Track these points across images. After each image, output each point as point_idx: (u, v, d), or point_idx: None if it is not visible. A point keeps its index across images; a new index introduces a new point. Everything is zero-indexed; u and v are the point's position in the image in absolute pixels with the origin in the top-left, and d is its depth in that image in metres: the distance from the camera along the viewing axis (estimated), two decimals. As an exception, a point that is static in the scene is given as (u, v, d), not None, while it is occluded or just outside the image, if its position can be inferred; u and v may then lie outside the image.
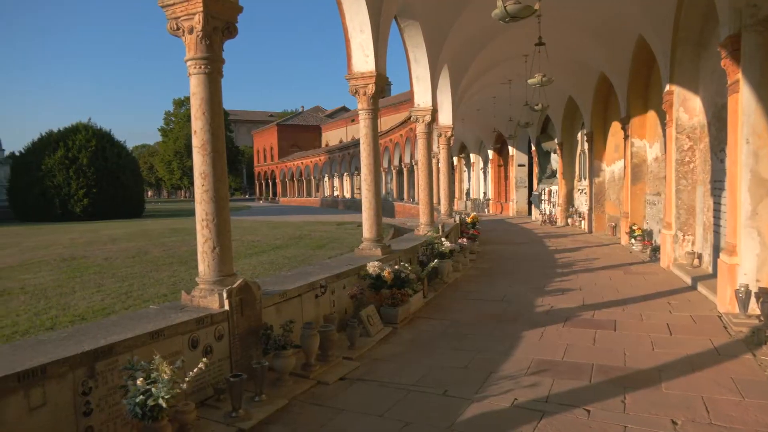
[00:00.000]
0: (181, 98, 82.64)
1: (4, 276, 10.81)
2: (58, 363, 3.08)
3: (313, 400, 4.29)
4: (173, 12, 4.33)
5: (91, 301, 8.28)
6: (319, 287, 5.80)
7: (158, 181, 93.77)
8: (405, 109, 40.04)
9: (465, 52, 13.17)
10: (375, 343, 5.83)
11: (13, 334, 6.53)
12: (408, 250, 8.77)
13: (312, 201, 56.49)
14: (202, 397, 4.10)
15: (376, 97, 7.72)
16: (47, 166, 32.27)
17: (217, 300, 4.37)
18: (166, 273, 10.91)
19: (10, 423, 2.84)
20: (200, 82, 4.37)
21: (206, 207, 4.46)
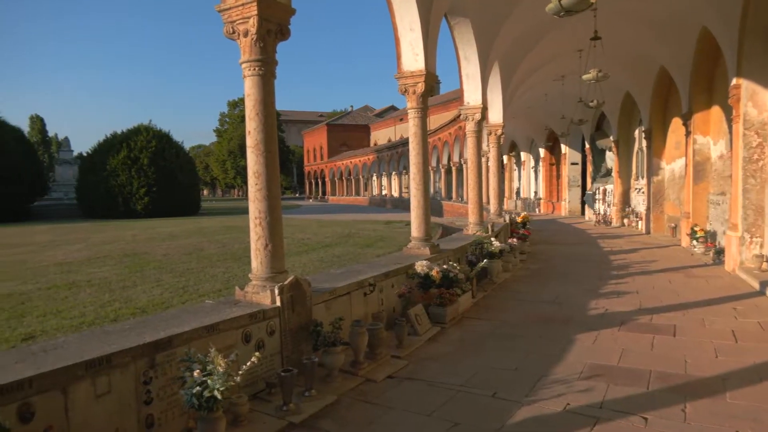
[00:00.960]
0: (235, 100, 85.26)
1: (73, 270, 11.48)
2: (122, 353, 3.25)
3: (362, 397, 4.33)
4: (229, 16, 4.47)
5: (151, 295, 8.67)
6: (367, 285, 5.84)
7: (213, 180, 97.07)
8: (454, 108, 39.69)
9: (516, 49, 12.92)
10: (423, 342, 5.82)
11: (81, 325, 6.93)
12: (456, 250, 8.70)
13: (360, 200, 56.95)
14: (254, 391, 4.21)
15: (426, 95, 7.69)
16: (111, 166, 34.01)
17: (269, 296, 4.48)
18: (220, 269, 11.28)
19: (79, 409, 3.02)
20: (254, 83, 4.49)
21: (259, 205, 4.58)
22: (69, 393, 2.97)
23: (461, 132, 29.77)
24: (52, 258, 13.47)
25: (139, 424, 3.34)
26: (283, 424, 3.78)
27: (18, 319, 7.16)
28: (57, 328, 6.72)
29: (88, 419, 3.05)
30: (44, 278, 10.36)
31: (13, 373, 2.83)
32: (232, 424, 3.63)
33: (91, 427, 3.06)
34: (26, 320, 7.13)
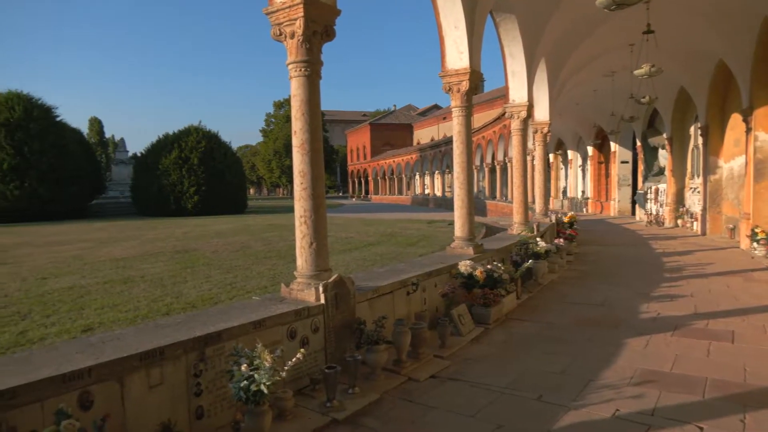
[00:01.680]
0: (280, 100, 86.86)
1: (128, 265, 12.00)
2: (174, 346, 3.37)
3: (405, 396, 4.33)
4: (276, 18, 4.56)
5: (201, 290, 8.95)
6: (410, 284, 5.83)
7: (259, 179, 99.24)
8: (498, 106, 39.11)
9: (564, 45, 12.61)
10: (466, 342, 5.77)
11: (135, 318, 7.23)
12: (501, 250, 8.58)
13: (403, 199, 56.96)
14: (298, 386, 4.28)
15: (470, 94, 7.61)
16: (163, 165, 35.31)
17: (314, 293, 4.55)
18: (266, 266, 11.53)
19: (134, 398, 3.15)
20: (300, 84, 4.56)
21: (304, 204, 4.65)
22: (125, 383, 3.11)
23: (506, 130, 29.32)
24: (109, 254, 14.12)
25: (190, 415, 3.46)
26: (326, 420, 3.83)
27: (78, 312, 7.54)
28: (113, 321, 7.04)
29: (142, 409, 3.18)
30: (102, 273, 10.88)
31: (74, 363, 2.99)
32: (278, 418, 3.70)
33: (145, 416, 3.19)
34: (85, 312, 7.50)
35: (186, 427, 3.39)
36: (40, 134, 32.12)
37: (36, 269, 11.45)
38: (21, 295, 8.70)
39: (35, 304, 8.02)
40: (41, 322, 6.96)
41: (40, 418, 2.69)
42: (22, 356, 3.22)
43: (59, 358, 3.08)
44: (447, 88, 7.71)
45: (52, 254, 14.16)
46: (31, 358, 3.13)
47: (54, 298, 8.46)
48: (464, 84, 7.53)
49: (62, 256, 13.82)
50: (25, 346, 5.96)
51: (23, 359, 3.11)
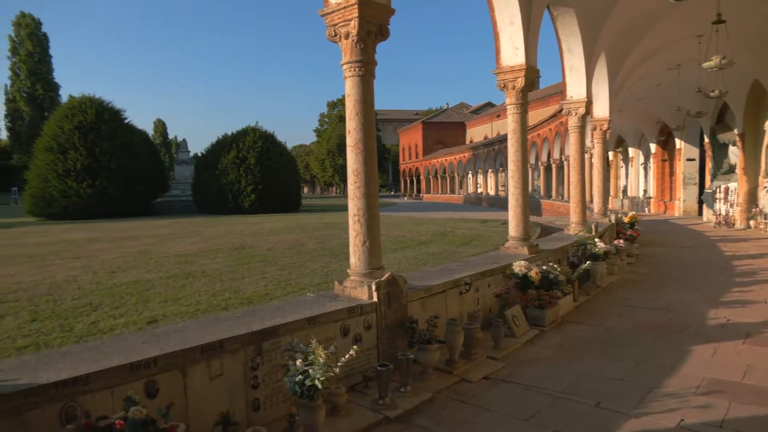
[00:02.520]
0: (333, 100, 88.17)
1: (189, 261, 12.51)
2: (233, 339, 3.49)
3: (457, 396, 4.30)
4: (331, 20, 4.63)
5: (257, 287, 9.21)
6: (463, 284, 5.78)
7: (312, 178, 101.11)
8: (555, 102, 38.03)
9: (625, 38, 12.11)
10: (520, 344, 5.66)
11: (196, 311, 7.53)
12: (557, 250, 8.35)
13: (455, 198, 56.46)
14: (351, 383, 4.33)
15: (526, 90, 7.45)
16: (222, 165, 36.56)
17: (367, 291, 4.59)
18: (319, 264, 11.72)
19: (196, 388, 3.28)
20: (354, 84, 4.61)
21: (358, 203, 4.69)
22: (187, 373, 3.25)
23: (562, 128, 28.49)
24: (171, 249, 14.77)
25: (247, 407, 3.57)
26: (379, 417, 3.85)
27: (144, 304, 7.93)
28: (176, 314, 7.36)
29: (203, 399, 3.31)
30: (165, 268, 11.39)
31: (141, 353, 3.15)
32: (331, 413, 3.76)
33: (206, 406, 3.32)
34: (150, 305, 7.88)
35: (243, 418, 3.50)
36: (110, 136, 33.99)
37: (106, 263, 12.13)
38: (93, 287, 9.24)
39: (105, 296, 8.50)
40: (111, 314, 7.37)
41: (110, 404, 2.85)
42: (94, 345, 3.42)
43: (127, 347, 3.26)
44: (501, 85, 7.58)
45: (121, 249, 14.97)
46: (102, 347, 3.32)
47: (122, 291, 8.93)
48: (519, 81, 7.38)
49: (129, 251, 14.58)
50: (97, 335, 6.33)
51: (95, 348, 3.30)
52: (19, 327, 6.70)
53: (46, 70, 67.38)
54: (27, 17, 65.18)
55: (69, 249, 15.26)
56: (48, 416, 2.67)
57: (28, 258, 13.22)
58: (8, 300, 8.20)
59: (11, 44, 65.28)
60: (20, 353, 5.55)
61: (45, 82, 67.00)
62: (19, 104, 66.18)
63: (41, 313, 7.37)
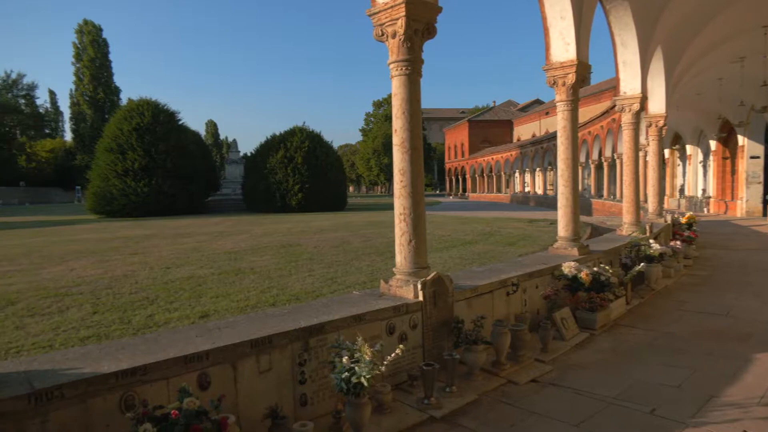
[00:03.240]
0: (379, 100, 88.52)
1: (239, 258, 12.86)
2: (282, 335, 3.56)
3: (503, 399, 4.23)
4: (378, 19, 4.65)
5: (304, 284, 9.36)
6: (510, 285, 5.69)
7: (358, 177, 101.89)
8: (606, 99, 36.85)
9: (683, 30, 11.57)
10: (569, 347, 5.51)
11: (245, 307, 7.73)
12: (608, 252, 8.09)
13: (502, 197, 55.59)
14: (396, 381, 4.34)
15: (577, 87, 7.25)
16: (270, 164, 37.39)
17: (412, 290, 4.58)
18: (365, 262, 11.81)
19: (245, 382, 3.37)
20: (401, 83, 4.61)
21: (404, 202, 4.70)
22: (237, 367, 3.34)
23: (615, 124, 27.54)
24: (222, 246, 15.23)
25: (295, 402, 3.63)
26: (424, 416, 3.85)
27: (196, 299, 8.21)
28: (226, 309, 7.58)
29: (252, 393, 3.40)
30: (216, 264, 11.76)
31: (194, 346, 3.26)
32: (377, 411, 3.78)
33: (255, 400, 3.40)
34: (202, 300, 8.15)
35: (291, 412, 3.56)
36: (165, 137, 35.40)
37: (161, 259, 12.64)
38: (149, 282, 9.65)
39: (161, 290, 8.85)
40: (165, 307, 7.68)
41: (165, 395, 2.97)
42: (151, 337, 3.57)
43: (181, 341, 3.38)
44: (551, 81, 7.40)
45: (175, 246, 15.56)
46: (159, 339, 3.46)
47: (176, 286, 9.28)
48: (570, 77, 7.19)
49: (183, 248, 15.14)
50: (153, 328, 6.60)
51: (152, 340, 3.45)
52: (82, 318, 7.07)
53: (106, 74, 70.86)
54: (89, 24, 68.70)
55: (127, 245, 15.99)
56: (109, 404, 2.81)
57: (90, 253, 13.95)
58: (72, 293, 8.67)
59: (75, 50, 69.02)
60: (83, 343, 5.86)
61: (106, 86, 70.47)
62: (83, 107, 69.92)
63: (102, 306, 7.75)
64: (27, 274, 10.60)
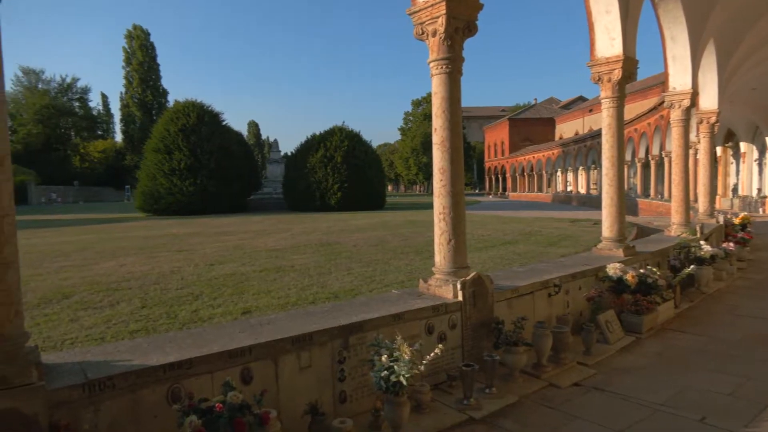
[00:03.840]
0: (418, 99, 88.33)
1: (280, 255, 13.09)
2: (322, 333, 3.61)
3: (545, 402, 4.16)
4: (419, 18, 4.64)
5: (343, 282, 9.45)
6: (552, 286, 5.58)
7: (397, 177, 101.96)
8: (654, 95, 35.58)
9: (737, 22, 11.04)
10: (614, 351, 5.36)
11: (286, 304, 7.86)
12: (656, 253, 7.82)
13: (543, 196, 54.53)
14: (435, 381, 4.32)
15: (623, 83, 7.04)
16: (310, 164, 37.89)
17: (451, 290, 4.56)
18: (403, 261, 11.81)
19: (286, 378, 3.43)
20: (441, 81, 4.59)
21: (443, 201, 4.67)
22: (279, 363, 3.40)
23: (663, 121, 26.59)
24: (263, 244, 15.53)
25: (334, 398, 3.67)
26: (463, 417, 3.82)
27: (238, 296, 8.41)
28: (267, 306, 7.73)
29: (292, 389, 3.45)
30: (258, 262, 12.00)
31: (238, 341, 3.34)
32: (415, 410, 3.78)
33: (295, 395, 3.46)
34: (244, 297, 8.33)
35: (330, 409, 3.60)
36: (210, 137, 36.36)
37: (205, 256, 13.00)
38: (194, 278, 9.94)
39: (205, 286, 9.11)
40: (210, 303, 7.89)
41: (210, 388, 3.06)
42: (196, 332, 3.68)
43: (225, 336, 3.47)
44: (596, 77, 7.21)
45: (218, 243, 15.97)
46: (204, 334, 3.56)
47: (219, 282, 9.52)
48: (616, 72, 6.98)
49: (226, 245, 15.52)
50: (197, 323, 6.80)
51: (198, 334, 3.55)
52: (131, 312, 7.35)
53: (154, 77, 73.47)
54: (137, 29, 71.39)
55: (173, 242, 16.52)
56: (157, 395, 2.91)
57: (138, 250, 14.48)
58: (122, 288, 9.02)
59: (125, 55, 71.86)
60: (133, 336, 6.09)
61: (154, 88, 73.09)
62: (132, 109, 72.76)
63: (150, 301, 8.04)
64: (81, 270, 11.09)
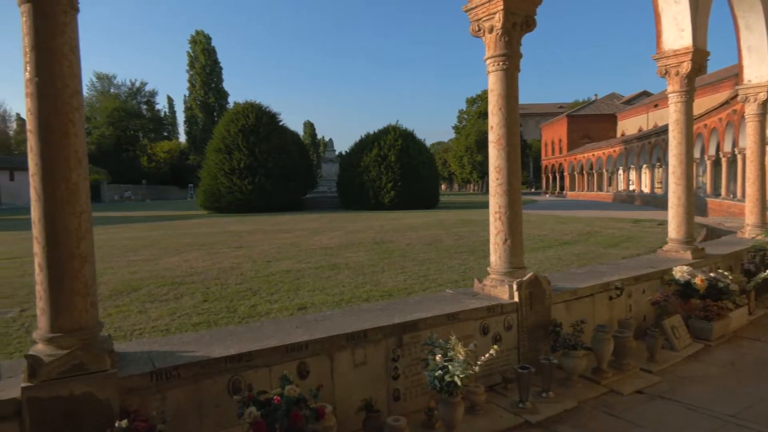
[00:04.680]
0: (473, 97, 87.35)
1: (334, 253, 13.30)
2: (376, 330, 3.63)
3: (605, 409, 4.01)
4: (475, 14, 4.58)
5: (396, 280, 9.48)
6: (614, 288, 5.37)
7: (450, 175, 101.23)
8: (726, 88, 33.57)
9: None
10: (681, 359, 5.10)
11: (340, 302, 7.98)
12: (727, 256, 7.37)
13: (603, 195, 52.56)
14: (489, 383, 4.26)
15: (692, 76, 6.67)
16: (364, 163, 38.25)
17: (507, 291, 4.48)
18: (457, 260, 11.71)
19: (341, 374, 3.48)
20: (498, 78, 4.51)
21: (499, 200, 4.59)
22: (334, 359, 3.46)
23: (736, 116, 25.04)
24: (318, 242, 15.82)
25: (388, 396, 3.69)
26: (518, 420, 3.75)
27: (294, 292, 8.61)
28: (322, 302, 7.87)
29: (347, 385, 3.50)
30: (313, 259, 12.23)
31: (294, 336, 3.42)
32: (469, 411, 3.74)
33: (350, 392, 3.50)
34: (300, 293, 8.52)
35: (384, 406, 3.62)
36: (267, 137, 37.41)
37: (263, 253, 13.38)
38: (252, 274, 10.26)
39: (263, 282, 9.38)
40: (267, 299, 8.12)
41: (267, 381, 3.14)
42: (255, 326, 3.80)
43: (282, 331, 3.56)
44: (663, 71, 6.87)
45: (275, 241, 16.41)
46: (262, 328, 3.67)
47: (276, 278, 9.78)
48: (685, 65, 6.62)
49: (282, 242, 15.92)
50: (255, 317, 7.01)
51: (256, 329, 3.66)
52: (194, 306, 7.68)
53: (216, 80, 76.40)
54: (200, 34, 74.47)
55: (233, 239, 17.11)
56: (218, 386, 3.03)
57: (200, 246, 15.10)
58: (186, 282, 9.43)
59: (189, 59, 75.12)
60: (195, 329, 6.36)
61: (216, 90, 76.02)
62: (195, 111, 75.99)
63: (211, 295, 8.36)
64: (148, 264, 11.69)
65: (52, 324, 2.63)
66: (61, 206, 2.63)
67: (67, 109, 2.64)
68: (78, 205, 2.67)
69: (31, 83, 2.59)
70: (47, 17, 2.59)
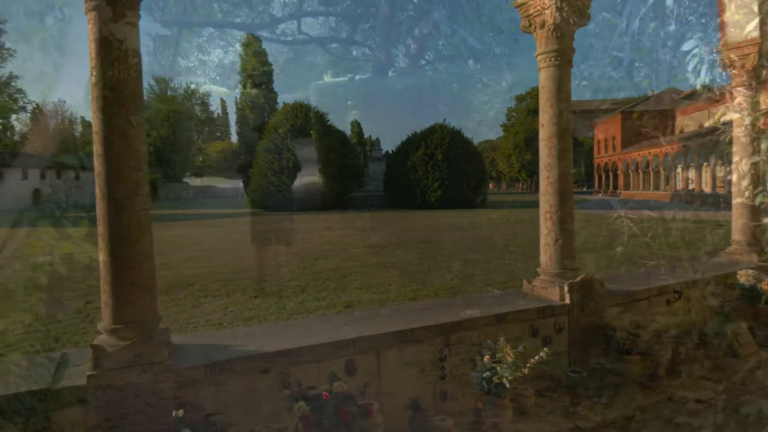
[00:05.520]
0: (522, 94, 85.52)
1: (381, 252, 13.38)
2: (423, 329, 3.63)
3: (661, 417, 3.85)
4: (526, 10, 4.49)
5: (443, 280, 9.43)
6: (672, 292, 5.15)
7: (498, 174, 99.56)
8: (797, 81, 31.45)
9: None
10: (745, 367, 4.83)
11: (386, 300, 8.01)
12: (798, 260, 6.92)
13: (659, 195, 50.40)
14: (538, 386, 4.16)
15: (760, 69, 6.29)
16: (411, 162, 38.23)
17: (558, 292, 4.37)
18: (505, 260, 11.53)
19: (388, 372, 3.50)
20: (549, 75, 4.41)
21: (550, 199, 4.49)
22: (381, 357, 3.48)
23: (808, 110, 23.41)
24: (365, 241, 15.95)
25: (435, 396, 3.68)
26: (569, 426, 3.65)
27: (341, 290, 8.71)
28: (369, 300, 7.92)
29: (394, 383, 3.51)
30: (360, 257, 12.34)
31: (343, 333, 3.46)
32: (517, 413, 3.67)
33: (397, 390, 3.51)
34: (347, 291, 8.62)
35: (431, 406, 3.61)
36: (316, 137, 38.01)
37: (311, 251, 13.61)
38: (300, 271, 10.45)
39: (310, 280, 9.54)
40: (315, 296, 8.26)
41: (316, 377, 3.20)
42: (304, 322, 3.88)
43: (331, 327, 3.61)
44: (726, 63, 6.52)
45: (323, 239, 16.66)
46: (311, 324, 3.74)
47: (324, 276, 9.93)
48: (752, 57, 6.25)
49: (330, 240, 16.14)
50: (304, 314, 7.14)
51: (305, 325, 3.73)
52: (245, 301, 7.90)
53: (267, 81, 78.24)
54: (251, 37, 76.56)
55: (282, 237, 17.49)
56: (269, 380, 3.10)
57: (251, 243, 15.53)
58: (237, 278, 9.71)
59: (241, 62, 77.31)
60: (247, 324, 6.54)
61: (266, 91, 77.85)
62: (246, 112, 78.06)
63: (261, 291, 8.58)
64: (202, 260, 12.12)
65: (115, 316, 2.77)
66: (123, 204, 2.76)
67: (128, 112, 2.77)
68: (138, 203, 2.80)
69: (96, 87, 2.74)
70: (112, 23, 2.73)
